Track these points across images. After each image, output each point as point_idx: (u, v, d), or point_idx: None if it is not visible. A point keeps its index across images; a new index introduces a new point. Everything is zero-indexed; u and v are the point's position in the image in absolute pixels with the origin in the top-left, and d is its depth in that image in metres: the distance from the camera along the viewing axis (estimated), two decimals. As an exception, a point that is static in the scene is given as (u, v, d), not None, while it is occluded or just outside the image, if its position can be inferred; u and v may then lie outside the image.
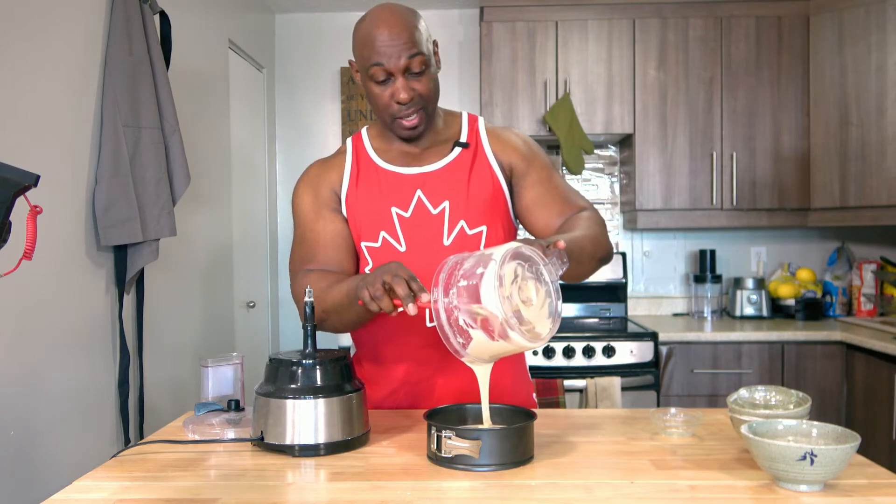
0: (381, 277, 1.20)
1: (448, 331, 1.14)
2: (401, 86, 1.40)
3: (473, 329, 1.12)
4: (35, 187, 0.88)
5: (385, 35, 1.37)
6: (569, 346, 3.05)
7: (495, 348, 1.14)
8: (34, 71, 1.87)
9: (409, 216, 1.49)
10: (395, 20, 1.38)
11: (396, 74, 1.39)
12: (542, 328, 1.13)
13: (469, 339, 1.13)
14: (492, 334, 1.10)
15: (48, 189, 1.89)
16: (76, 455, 2.02)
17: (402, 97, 1.40)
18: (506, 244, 1.14)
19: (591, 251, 1.39)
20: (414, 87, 1.41)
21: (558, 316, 1.15)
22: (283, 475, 1.14)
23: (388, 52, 1.37)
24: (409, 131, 1.46)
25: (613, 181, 3.84)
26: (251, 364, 3.05)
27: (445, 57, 3.88)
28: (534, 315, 1.13)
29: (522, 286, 1.12)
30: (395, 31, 1.37)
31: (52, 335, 1.93)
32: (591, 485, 1.08)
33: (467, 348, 1.14)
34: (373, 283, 1.20)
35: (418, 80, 1.41)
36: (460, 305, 1.12)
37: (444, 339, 1.15)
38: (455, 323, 1.13)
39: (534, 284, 1.14)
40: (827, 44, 3.34)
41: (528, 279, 1.14)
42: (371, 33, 1.38)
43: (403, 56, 1.38)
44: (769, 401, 1.31)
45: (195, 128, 2.80)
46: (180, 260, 2.68)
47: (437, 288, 1.14)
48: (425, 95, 1.43)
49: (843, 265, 3.65)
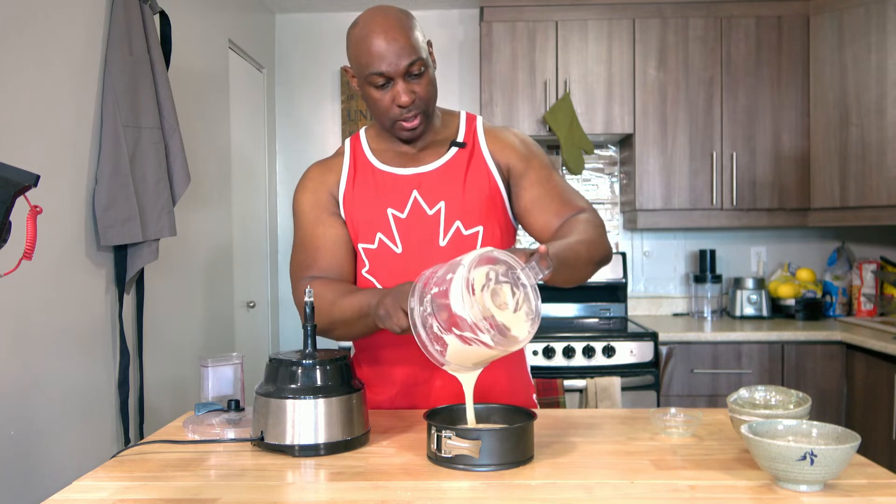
0: (400, 305, 1.21)
1: (425, 339, 1.14)
2: (401, 89, 1.39)
3: (447, 335, 1.11)
4: (35, 187, 0.88)
5: (382, 41, 1.36)
6: (569, 346, 3.05)
7: (473, 354, 1.13)
8: (34, 71, 1.87)
9: (405, 217, 1.48)
10: (391, 25, 1.37)
11: (396, 79, 1.39)
12: (518, 331, 1.12)
13: (445, 345, 1.13)
14: (464, 338, 1.10)
15: (48, 189, 1.89)
16: (76, 455, 2.02)
17: (403, 100, 1.39)
18: (478, 249, 1.14)
19: (588, 256, 1.38)
20: (414, 90, 1.41)
21: (537, 317, 1.14)
22: (283, 475, 1.14)
23: (388, 58, 1.36)
24: (410, 133, 1.46)
25: (613, 181, 3.84)
26: (251, 364, 3.04)
27: (445, 57, 3.88)
28: (509, 318, 1.12)
29: (497, 290, 1.12)
30: (392, 37, 1.36)
31: (52, 335, 1.93)
32: (591, 485, 1.08)
33: (445, 355, 1.14)
34: (395, 313, 1.22)
35: (418, 83, 1.41)
36: (434, 312, 1.12)
37: (423, 347, 1.15)
38: (431, 330, 1.13)
39: (509, 288, 1.13)
40: (827, 44, 3.34)
41: (503, 283, 1.13)
42: (367, 40, 1.37)
43: (403, 61, 1.37)
44: (769, 401, 1.31)
45: (195, 128, 2.80)
46: (180, 260, 2.68)
47: (413, 298, 1.14)
48: (425, 98, 1.43)
49: (843, 265, 3.65)
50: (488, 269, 1.12)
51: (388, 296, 1.25)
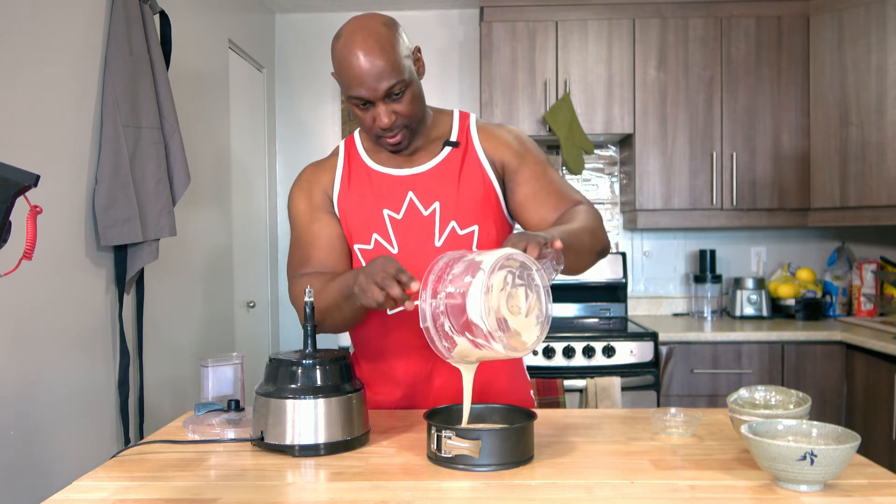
0: (373, 279, 1.21)
1: (434, 334, 1.15)
2: (382, 112, 1.38)
3: (459, 336, 1.12)
4: (35, 187, 0.88)
5: (361, 64, 1.33)
6: (569, 346, 3.05)
7: (479, 354, 1.14)
8: (34, 71, 1.87)
9: (400, 218, 1.49)
10: (370, 45, 1.33)
11: (376, 101, 1.38)
12: (528, 336, 1.13)
13: (454, 344, 1.13)
14: (476, 343, 1.11)
15: (48, 189, 1.89)
16: (76, 455, 2.02)
17: (383, 122, 1.38)
18: (499, 250, 1.12)
19: (590, 244, 1.39)
20: (395, 111, 1.39)
21: (547, 321, 1.15)
22: (283, 475, 1.14)
23: (367, 83, 1.34)
24: (394, 147, 1.46)
25: (613, 181, 3.84)
26: (251, 364, 3.04)
27: (445, 57, 3.88)
28: (520, 323, 1.12)
29: (512, 294, 1.12)
30: (371, 59, 1.33)
31: (52, 335, 1.93)
32: (591, 485, 1.08)
33: (452, 353, 1.15)
34: (368, 287, 1.21)
35: (399, 103, 1.39)
36: (447, 312, 1.12)
37: (430, 341, 1.15)
38: (441, 328, 1.14)
39: (524, 291, 1.13)
40: (827, 44, 3.34)
41: (519, 286, 1.13)
42: (347, 60, 1.34)
43: (382, 85, 1.35)
44: (769, 401, 1.31)
45: (195, 128, 2.80)
46: (180, 260, 2.68)
47: (426, 290, 1.14)
48: (407, 116, 1.41)
49: (843, 265, 3.65)
50: (506, 273, 1.11)
51: (361, 273, 1.25)
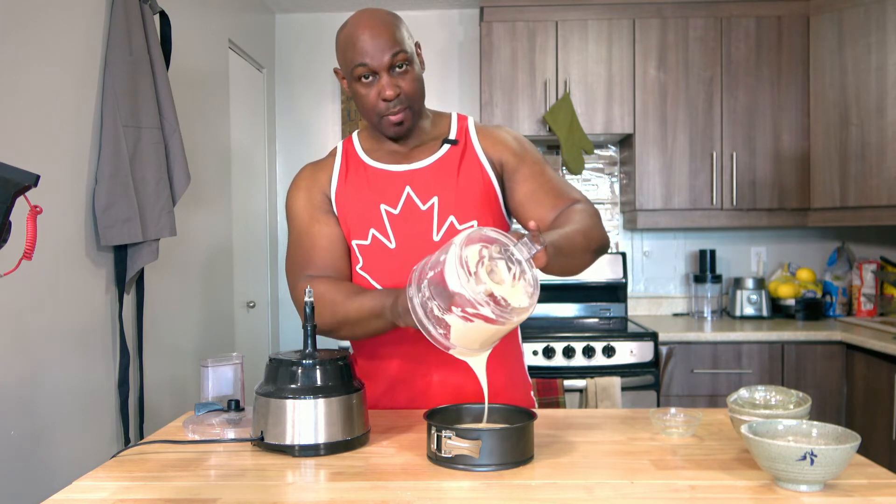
0: None
1: (427, 324, 1.14)
2: (386, 83, 1.42)
3: (448, 315, 1.12)
4: (35, 187, 0.88)
5: (367, 35, 1.41)
6: (569, 346, 3.05)
7: (477, 332, 1.13)
8: (34, 71, 1.87)
9: (398, 213, 1.49)
10: (376, 21, 1.42)
11: (381, 72, 1.42)
12: (518, 301, 1.12)
13: (448, 327, 1.13)
14: (466, 316, 1.10)
15: (48, 189, 1.89)
16: (76, 455, 2.02)
17: (387, 94, 1.42)
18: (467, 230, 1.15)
19: (584, 244, 1.39)
20: (399, 85, 1.43)
21: (536, 287, 1.14)
22: (283, 475, 1.14)
23: (371, 51, 1.41)
24: (396, 128, 1.47)
25: (613, 181, 3.84)
26: (251, 364, 3.04)
27: (445, 57, 3.88)
28: (507, 292, 1.12)
29: (492, 267, 1.12)
30: (377, 32, 1.41)
31: (52, 335, 1.93)
32: (591, 485, 1.08)
33: (450, 338, 1.14)
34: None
35: (402, 78, 1.43)
36: (432, 295, 1.12)
37: (427, 334, 1.15)
38: (431, 314, 1.14)
39: (504, 264, 1.13)
40: (827, 44, 3.34)
41: (497, 259, 1.13)
42: (353, 36, 1.42)
43: (386, 54, 1.41)
44: (769, 401, 1.31)
45: (195, 128, 2.80)
46: (180, 260, 2.68)
47: (412, 286, 1.15)
48: (410, 94, 1.45)
49: (843, 265, 3.65)
50: (481, 247, 1.12)
51: (402, 295, 1.26)
